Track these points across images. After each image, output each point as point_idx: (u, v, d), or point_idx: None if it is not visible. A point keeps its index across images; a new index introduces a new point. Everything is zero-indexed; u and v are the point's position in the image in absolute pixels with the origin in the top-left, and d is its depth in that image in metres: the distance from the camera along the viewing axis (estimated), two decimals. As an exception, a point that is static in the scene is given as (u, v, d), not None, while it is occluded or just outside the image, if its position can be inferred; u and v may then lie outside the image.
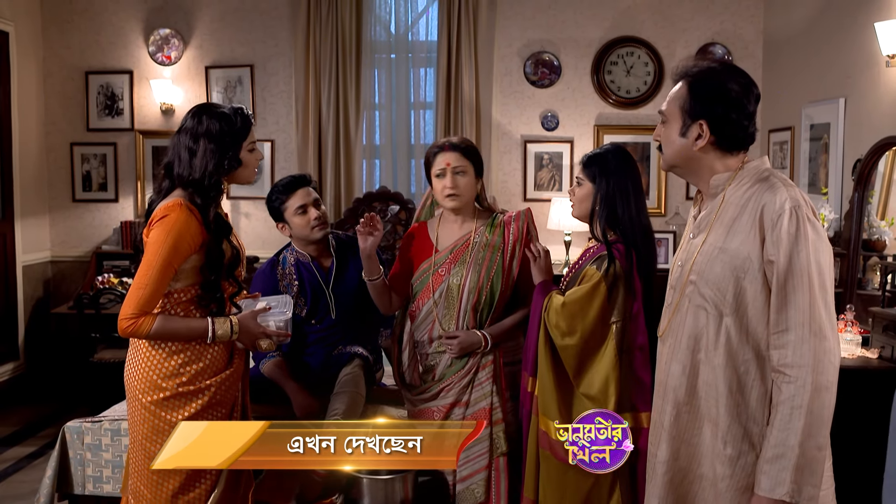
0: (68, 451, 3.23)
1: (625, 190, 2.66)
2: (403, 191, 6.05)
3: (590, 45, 6.03)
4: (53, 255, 6.27)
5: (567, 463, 2.51)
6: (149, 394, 2.42)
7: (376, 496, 2.86)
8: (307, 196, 3.26)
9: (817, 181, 4.99)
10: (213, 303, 2.46)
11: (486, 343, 2.82)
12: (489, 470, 2.80)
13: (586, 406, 2.56)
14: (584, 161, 2.73)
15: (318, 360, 3.31)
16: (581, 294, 2.58)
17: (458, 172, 2.82)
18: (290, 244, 3.43)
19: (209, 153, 2.41)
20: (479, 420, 2.78)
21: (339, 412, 3.00)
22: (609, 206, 2.65)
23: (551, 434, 2.56)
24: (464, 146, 2.87)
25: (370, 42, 6.06)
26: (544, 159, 6.09)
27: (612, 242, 2.63)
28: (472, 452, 2.81)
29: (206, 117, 2.43)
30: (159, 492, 2.45)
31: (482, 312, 2.85)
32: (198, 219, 2.40)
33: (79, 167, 6.20)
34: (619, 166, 2.68)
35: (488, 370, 2.83)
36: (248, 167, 2.51)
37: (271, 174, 6.14)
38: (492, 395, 2.82)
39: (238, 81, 6.11)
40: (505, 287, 2.86)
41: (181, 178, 2.43)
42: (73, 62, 6.17)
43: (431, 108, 6.10)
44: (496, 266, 2.84)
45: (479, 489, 2.80)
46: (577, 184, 2.74)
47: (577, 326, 2.57)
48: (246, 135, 2.48)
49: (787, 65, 5.56)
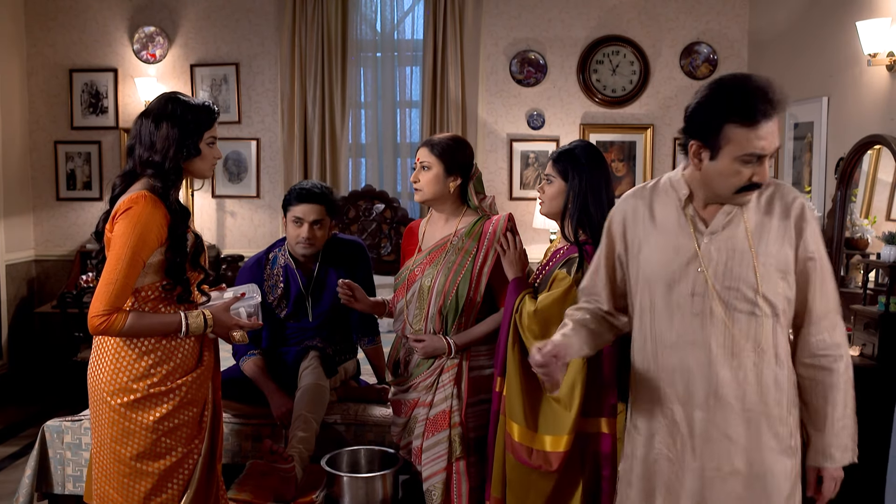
0: (48, 451, 3.21)
1: (597, 187, 2.63)
2: (389, 189, 6.03)
3: (575, 45, 6.04)
4: (37, 254, 6.24)
5: (528, 465, 2.52)
6: (118, 396, 2.40)
7: (357, 495, 2.85)
8: (309, 213, 3.24)
9: (801, 179, 5.01)
10: (178, 285, 2.44)
11: (451, 350, 2.81)
12: (447, 473, 2.78)
13: (553, 410, 2.53)
14: (555, 157, 2.70)
15: (291, 358, 3.30)
16: (553, 300, 2.54)
17: (424, 167, 2.86)
18: (284, 242, 3.41)
19: (170, 137, 2.42)
20: (440, 421, 2.79)
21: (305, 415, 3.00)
22: (581, 204, 2.61)
23: (514, 436, 2.56)
24: (434, 142, 2.87)
25: (356, 40, 6.04)
26: (530, 158, 6.09)
27: (582, 243, 2.59)
28: (433, 453, 2.80)
29: (171, 103, 2.46)
30: (130, 494, 2.42)
31: (448, 316, 2.83)
32: (162, 210, 2.39)
33: (63, 166, 6.16)
34: (590, 163, 2.65)
35: (451, 373, 2.82)
36: (205, 160, 2.51)
37: (257, 173, 6.12)
38: (451, 398, 2.80)
39: (223, 80, 6.08)
40: (473, 293, 2.82)
41: (142, 160, 2.44)
42: (57, 60, 6.13)
43: (417, 107, 6.09)
44: (465, 271, 2.81)
45: (436, 491, 2.78)
46: (546, 181, 2.71)
47: (551, 331, 2.46)
48: (208, 127, 2.49)
49: (772, 64, 5.58)
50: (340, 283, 2.94)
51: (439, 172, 2.85)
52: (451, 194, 2.89)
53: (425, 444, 2.81)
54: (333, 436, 3.22)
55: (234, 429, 3.23)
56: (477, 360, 2.86)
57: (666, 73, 6.04)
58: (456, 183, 2.87)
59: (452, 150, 2.86)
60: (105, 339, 2.42)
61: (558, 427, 2.50)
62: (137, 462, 2.41)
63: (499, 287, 2.85)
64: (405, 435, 2.93)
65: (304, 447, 2.93)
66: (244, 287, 2.67)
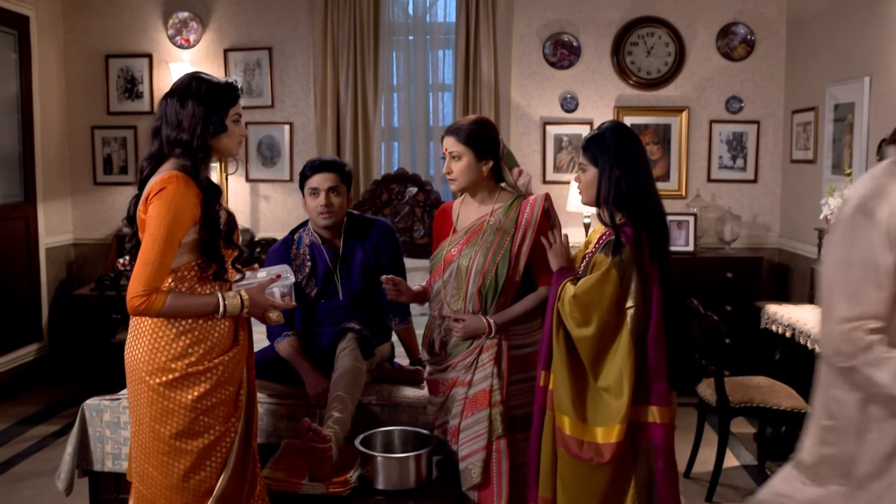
0: (88, 429, 3.26)
1: (627, 165, 2.56)
2: (422, 173, 6.03)
3: (609, 26, 5.97)
4: (76, 238, 6.34)
5: (580, 458, 2.49)
6: (157, 375, 2.42)
7: (390, 474, 2.87)
8: (323, 181, 3.27)
9: (841, 162, 4.91)
10: (213, 263, 2.46)
11: (491, 330, 2.81)
12: (488, 451, 2.79)
13: (603, 400, 2.49)
14: (583, 144, 2.64)
15: (326, 340, 3.31)
16: (592, 283, 2.50)
17: (454, 157, 2.86)
18: (308, 223, 3.43)
19: (197, 114, 2.43)
20: (480, 400, 2.79)
21: (342, 395, 3.02)
22: (615, 187, 2.55)
23: (565, 429, 2.53)
24: (459, 130, 2.85)
25: (388, 24, 6.03)
26: (563, 141, 6.04)
27: (619, 226, 2.55)
28: (472, 432, 2.80)
29: (195, 81, 2.47)
30: (170, 472, 2.45)
31: (487, 296, 2.83)
32: (194, 188, 2.41)
33: (100, 150, 6.25)
34: (619, 144, 2.58)
35: (491, 352, 2.83)
36: (231, 136, 2.52)
37: (290, 157, 6.15)
38: (492, 378, 2.81)
39: (256, 64, 6.11)
40: (512, 272, 2.83)
41: (169, 140, 2.44)
42: (94, 46, 6.20)
43: (450, 90, 6.07)
44: (504, 250, 2.81)
45: (476, 469, 2.79)
46: (580, 170, 2.66)
47: (593, 316, 2.49)
48: (233, 103, 2.50)
49: (811, 44, 5.47)
50: (384, 280, 2.95)
51: (470, 160, 2.84)
52: (486, 177, 2.89)
53: (464, 424, 2.82)
54: (367, 416, 3.24)
55: (268, 409, 3.25)
56: (516, 339, 2.87)
57: (702, 55, 5.95)
58: (488, 166, 2.87)
59: (479, 135, 2.85)
60: (142, 319, 2.45)
61: (609, 417, 2.47)
62: (177, 440, 2.43)
63: (536, 266, 2.85)
64: (441, 414, 2.94)
65: (339, 427, 2.94)
66: (277, 268, 2.68)
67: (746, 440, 4.67)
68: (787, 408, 3.85)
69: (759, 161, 6.01)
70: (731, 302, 5.48)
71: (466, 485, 2.83)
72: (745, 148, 5.99)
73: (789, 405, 3.85)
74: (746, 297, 5.43)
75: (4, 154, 5.65)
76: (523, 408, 2.83)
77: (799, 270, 5.63)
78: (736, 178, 6.02)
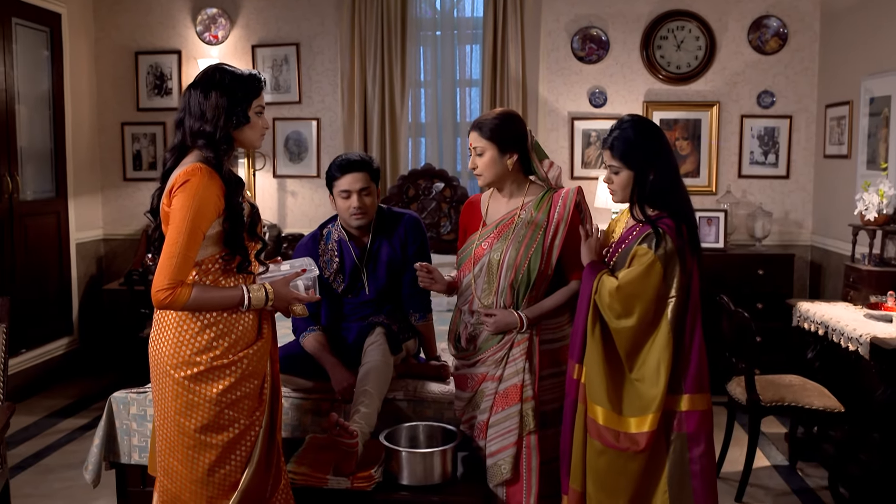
0: (115, 421, 3.28)
1: (661, 164, 2.58)
2: (449, 168, 6.01)
3: (639, 20, 5.89)
4: (106, 233, 6.40)
5: (615, 448, 2.47)
6: (182, 369, 2.41)
7: (415, 470, 2.85)
8: (354, 182, 3.24)
9: (877, 157, 4.81)
10: (237, 255, 2.45)
11: (522, 324, 2.78)
12: (518, 447, 2.77)
13: (637, 391, 2.51)
14: (609, 146, 2.62)
15: (352, 335, 3.30)
16: (636, 274, 2.50)
17: (479, 154, 2.84)
18: (336, 218, 3.42)
19: (220, 105, 2.42)
20: (510, 395, 2.77)
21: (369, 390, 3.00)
22: (651, 186, 2.56)
23: (599, 420, 2.52)
24: (482, 125, 2.83)
25: (416, 19, 6.01)
26: (591, 136, 5.98)
27: (655, 218, 2.55)
28: (502, 428, 2.79)
29: (218, 73, 2.46)
30: (195, 466, 2.45)
31: (519, 290, 2.81)
32: (218, 181, 2.40)
33: (129, 146, 6.30)
34: (649, 142, 2.59)
35: (522, 347, 2.80)
36: (254, 128, 2.51)
37: (317, 152, 6.16)
38: (524, 373, 2.78)
39: (284, 60, 6.12)
40: (544, 266, 2.80)
41: (192, 131, 2.44)
42: (124, 43, 6.25)
43: (477, 86, 6.04)
44: (536, 244, 2.79)
45: (505, 465, 2.77)
46: (612, 172, 2.64)
47: (635, 308, 2.50)
48: (256, 95, 2.49)
49: (846, 36, 5.36)
50: (418, 267, 2.94)
51: (494, 155, 2.82)
52: (512, 171, 2.86)
53: (493, 419, 2.80)
54: (393, 411, 3.22)
55: (293, 403, 3.25)
56: (546, 334, 2.84)
57: (733, 48, 5.86)
58: (513, 159, 2.84)
59: (501, 129, 2.82)
60: (166, 313, 2.44)
61: (643, 407, 2.49)
62: (202, 434, 2.43)
63: (568, 260, 2.82)
64: (469, 409, 2.92)
65: (365, 422, 2.92)
66: (301, 260, 2.68)
67: (777, 440, 4.59)
68: (820, 407, 3.77)
69: (792, 156, 5.91)
70: (762, 300, 5.40)
71: (495, 481, 2.80)
72: (777, 143, 5.89)
73: (821, 404, 3.78)
74: (778, 295, 5.34)
75: (36, 150, 5.72)
76: (553, 403, 2.81)
77: (832, 268, 5.53)
78: (767, 174, 5.93)
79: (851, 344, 3.70)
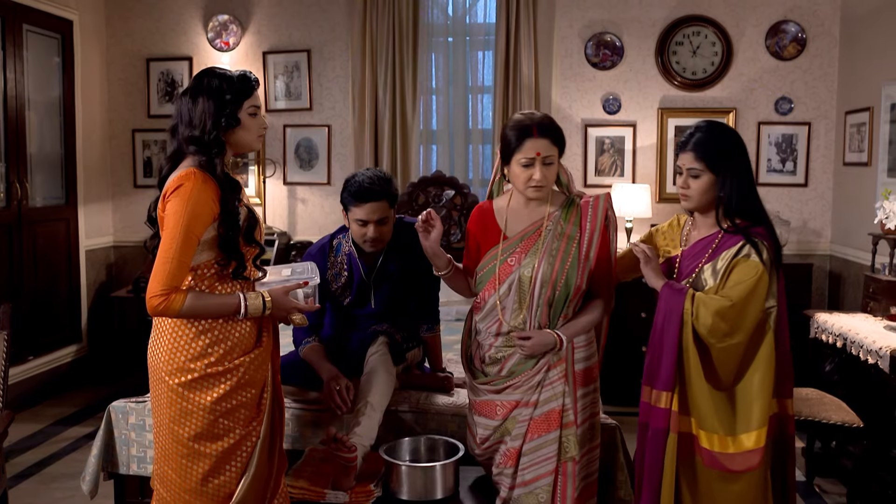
0: (114, 431, 3.23)
1: (746, 170, 2.53)
2: (461, 176, 5.94)
3: (654, 25, 5.81)
4: (116, 240, 6.38)
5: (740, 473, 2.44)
6: (176, 376, 2.37)
7: (415, 485, 2.77)
8: (372, 213, 3.07)
9: (897, 164, 4.69)
10: (233, 260, 2.40)
11: (561, 344, 2.59)
12: (555, 475, 2.60)
13: (745, 403, 2.46)
14: (694, 148, 2.52)
15: (355, 344, 3.23)
16: (746, 290, 2.42)
17: (548, 163, 2.59)
18: (347, 230, 3.32)
19: (207, 110, 2.39)
20: (548, 421, 2.62)
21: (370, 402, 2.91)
22: (739, 192, 2.49)
23: (715, 448, 2.45)
24: (554, 131, 2.61)
25: (427, 25, 5.96)
26: (605, 144, 5.90)
27: (746, 228, 2.49)
28: (537, 455, 2.62)
29: (206, 77, 2.43)
30: (188, 475, 2.40)
31: (556, 307, 2.62)
32: (212, 185, 2.35)
33: (140, 153, 6.29)
34: (736, 147, 2.53)
35: (560, 369, 2.62)
36: (248, 130, 2.46)
37: (328, 159, 6.11)
38: (563, 397, 2.60)
39: (295, 67, 6.08)
40: (581, 280, 2.61)
41: (184, 138, 2.41)
42: (135, 49, 6.25)
43: (489, 92, 5.97)
44: (572, 257, 2.60)
45: (543, 495, 2.59)
46: (691, 176, 2.53)
47: (744, 324, 2.43)
48: (247, 96, 2.44)
49: (866, 41, 5.25)
50: (423, 215, 2.72)
51: (558, 162, 2.66)
52: None
53: (527, 447, 2.62)
54: (396, 423, 3.14)
55: (294, 414, 3.18)
56: (579, 352, 2.68)
57: (750, 54, 5.75)
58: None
59: (562, 133, 2.66)
60: (163, 319, 2.40)
61: (752, 422, 2.45)
62: (195, 443, 2.38)
63: (599, 272, 2.66)
64: (495, 436, 2.70)
65: (365, 435, 2.85)
66: (302, 265, 2.62)
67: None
68: (838, 421, 3.66)
69: (810, 164, 5.79)
70: (780, 310, 5.27)
71: None
72: (796, 150, 5.77)
73: (839, 419, 3.67)
74: (795, 305, 5.18)
75: (47, 157, 5.71)
76: (583, 423, 2.67)
77: (851, 278, 5.40)
78: (785, 182, 5.81)
79: (871, 357, 3.59)
